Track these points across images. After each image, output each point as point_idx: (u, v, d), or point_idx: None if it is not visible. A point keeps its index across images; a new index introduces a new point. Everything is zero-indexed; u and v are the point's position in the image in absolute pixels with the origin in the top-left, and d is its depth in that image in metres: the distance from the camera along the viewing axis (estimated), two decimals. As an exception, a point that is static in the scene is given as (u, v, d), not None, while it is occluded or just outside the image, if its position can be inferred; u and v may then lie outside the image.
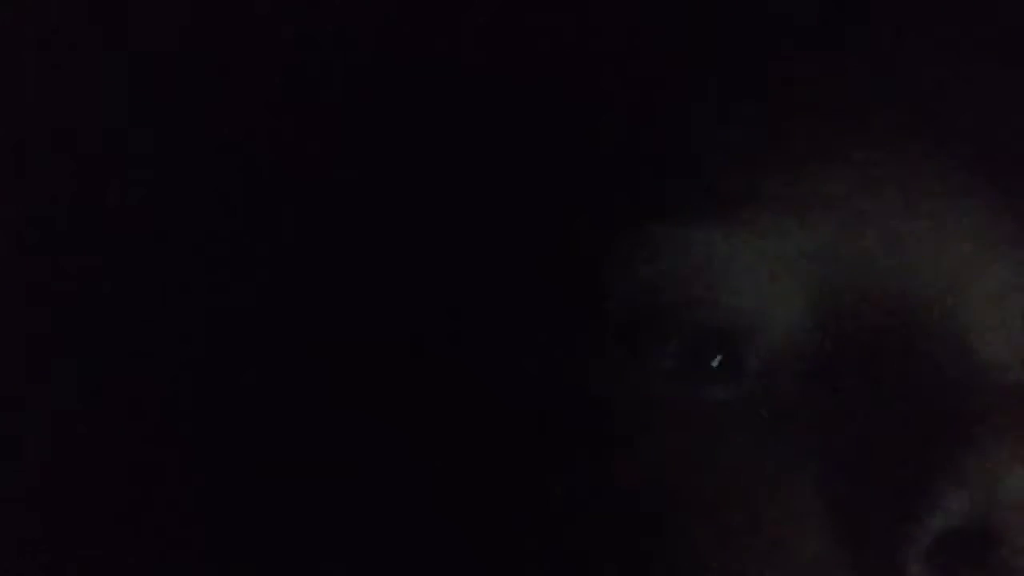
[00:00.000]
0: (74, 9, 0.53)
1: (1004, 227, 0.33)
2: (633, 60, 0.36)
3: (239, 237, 0.53)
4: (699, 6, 0.36)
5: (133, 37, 0.53)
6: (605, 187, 0.34)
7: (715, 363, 0.32)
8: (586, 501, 0.33)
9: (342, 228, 0.46)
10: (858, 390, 0.31)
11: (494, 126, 0.37)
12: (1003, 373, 0.32)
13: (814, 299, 0.32)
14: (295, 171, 0.53)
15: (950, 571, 0.29)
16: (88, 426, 0.54)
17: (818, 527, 0.30)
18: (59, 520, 0.53)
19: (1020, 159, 0.35)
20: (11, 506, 0.53)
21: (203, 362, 0.53)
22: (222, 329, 0.53)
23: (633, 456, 0.32)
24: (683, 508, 0.31)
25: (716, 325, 0.32)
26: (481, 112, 0.38)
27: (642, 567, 0.31)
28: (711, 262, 0.32)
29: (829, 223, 0.32)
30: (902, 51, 0.35)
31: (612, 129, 0.35)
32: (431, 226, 0.39)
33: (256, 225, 0.53)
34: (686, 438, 0.32)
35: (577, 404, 0.33)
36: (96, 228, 0.54)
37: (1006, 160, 0.35)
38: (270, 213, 0.53)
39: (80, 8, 0.53)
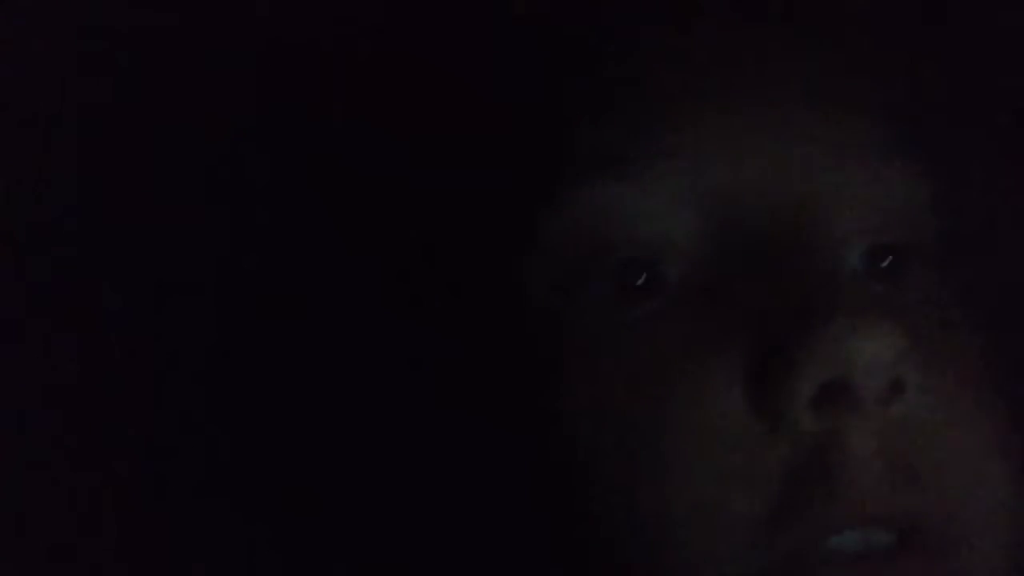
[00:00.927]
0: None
1: (866, 153, 0.44)
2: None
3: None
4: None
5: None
6: (533, 159, 0.44)
7: (640, 282, 0.42)
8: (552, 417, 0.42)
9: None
10: (748, 283, 0.41)
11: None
12: (853, 270, 0.43)
13: (708, 222, 0.42)
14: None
15: (824, 412, 0.39)
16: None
17: (735, 394, 0.40)
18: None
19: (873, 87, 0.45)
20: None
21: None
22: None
23: (587, 368, 0.42)
24: (631, 395, 0.41)
25: (636, 254, 0.42)
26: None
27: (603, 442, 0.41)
28: (623, 206, 0.42)
29: (714, 163, 0.42)
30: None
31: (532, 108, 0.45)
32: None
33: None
34: (627, 344, 0.42)
35: (531, 342, 0.43)
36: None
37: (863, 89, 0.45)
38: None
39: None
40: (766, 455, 0.40)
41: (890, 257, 0.44)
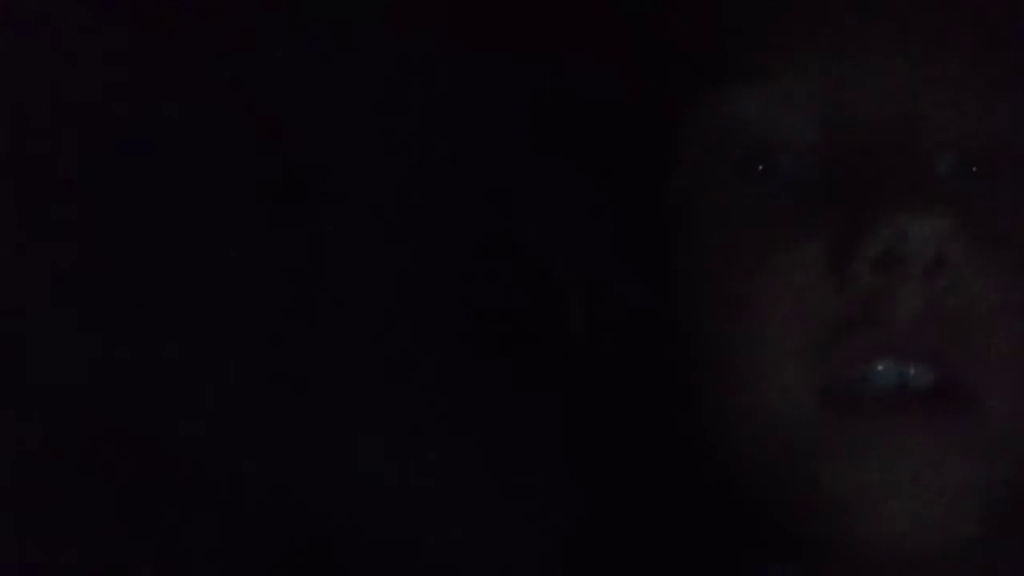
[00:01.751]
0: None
1: (968, 78, 0.53)
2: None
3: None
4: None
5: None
6: (682, 68, 0.55)
7: (760, 167, 0.53)
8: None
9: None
10: (845, 177, 0.51)
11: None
12: (938, 173, 0.53)
13: (821, 126, 0.52)
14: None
15: (880, 274, 0.49)
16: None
17: (817, 254, 0.51)
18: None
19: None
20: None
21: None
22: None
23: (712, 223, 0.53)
24: (742, 249, 0.52)
25: (759, 147, 0.53)
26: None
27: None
28: (754, 109, 0.53)
29: (830, 79, 0.53)
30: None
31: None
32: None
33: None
34: (744, 213, 0.53)
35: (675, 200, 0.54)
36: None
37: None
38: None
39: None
40: (830, 301, 0.50)
41: (973, 167, 0.53)
